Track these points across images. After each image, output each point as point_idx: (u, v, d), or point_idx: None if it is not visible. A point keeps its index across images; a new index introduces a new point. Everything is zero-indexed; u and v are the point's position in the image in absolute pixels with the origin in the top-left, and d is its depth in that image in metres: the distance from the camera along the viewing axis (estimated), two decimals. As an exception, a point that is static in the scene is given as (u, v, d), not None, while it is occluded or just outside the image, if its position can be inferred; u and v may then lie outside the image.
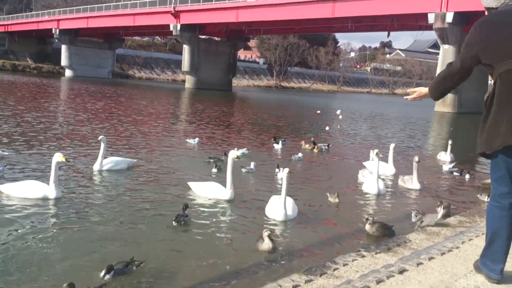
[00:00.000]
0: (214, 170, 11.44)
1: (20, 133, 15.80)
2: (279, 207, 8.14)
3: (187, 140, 16.27)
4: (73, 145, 14.29)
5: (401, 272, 5.14)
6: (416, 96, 4.99)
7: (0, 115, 19.86)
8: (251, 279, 5.70)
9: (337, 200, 9.22)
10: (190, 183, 9.63)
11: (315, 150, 16.07)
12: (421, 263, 5.43)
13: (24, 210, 7.78)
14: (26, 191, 8.36)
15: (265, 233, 6.63)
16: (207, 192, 9.22)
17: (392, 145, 13.14)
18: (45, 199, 8.31)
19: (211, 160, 12.20)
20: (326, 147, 16.69)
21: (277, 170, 11.51)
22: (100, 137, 11.10)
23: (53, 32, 77.47)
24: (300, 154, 14.11)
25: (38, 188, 8.39)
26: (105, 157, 11.08)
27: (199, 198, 9.18)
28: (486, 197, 9.95)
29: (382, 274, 5.02)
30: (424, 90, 4.84)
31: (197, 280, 5.65)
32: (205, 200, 9.08)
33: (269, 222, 8.12)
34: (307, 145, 16.68)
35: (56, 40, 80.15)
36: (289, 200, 8.36)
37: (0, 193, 8.49)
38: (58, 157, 8.50)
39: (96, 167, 10.90)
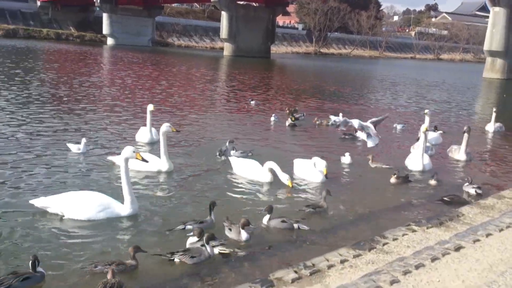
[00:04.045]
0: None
1: (77, 98, 16.23)
2: (314, 170, 8.58)
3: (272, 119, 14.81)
4: (126, 111, 14.53)
5: (457, 249, 4.90)
6: None
7: (58, 81, 20.40)
8: (298, 252, 5.58)
9: (395, 181, 8.77)
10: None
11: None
12: (478, 240, 5.16)
13: (142, 183, 8.08)
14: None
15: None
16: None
17: (426, 111, 12.35)
18: (159, 172, 8.56)
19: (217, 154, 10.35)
20: (303, 116, 15.20)
21: (218, 156, 9.99)
22: (150, 106, 10.78)
23: (94, 0, 78.25)
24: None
25: (152, 162, 8.44)
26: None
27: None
28: None
29: (437, 251, 4.80)
30: None
31: (240, 253, 5.59)
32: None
33: (303, 184, 8.00)
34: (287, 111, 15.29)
35: (98, 9, 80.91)
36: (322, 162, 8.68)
37: (114, 165, 8.71)
38: (166, 127, 8.54)
39: (145, 138, 10.88)
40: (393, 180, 8.79)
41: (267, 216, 6.36)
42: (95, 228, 6.08)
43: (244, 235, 5.84)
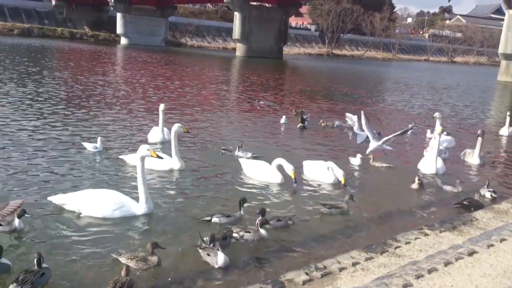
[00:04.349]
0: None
1: (95, 96, 16.40)
2: (326, 171, 8.54)
3: (282, 121, 14.71)
4: (141, 109, 14.63)
5: (471, 254, 4.85)
6: None
7: (73, 80, 20.60)
8: (309, 254, 5.57)
9: (417, 186, 8.58)
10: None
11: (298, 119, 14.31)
12: (492, 245, 5.11)
13: (155, 181, 8.14)
14: (152, 163, 8.42)
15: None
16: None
17: (435, 115, 12.24)
18: (171, 170, 8.65)
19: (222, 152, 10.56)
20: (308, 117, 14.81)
21: (236, 151, 10.13)
22: (161, 105, 10.91)
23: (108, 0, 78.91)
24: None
25: (164, 161, 8.52)
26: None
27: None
28: None
29: (450, 255, 4.76)
30: None
31: (252, 254, 5.60)
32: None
33: (317, 185, 7.98)
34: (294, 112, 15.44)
35: (112, 8, 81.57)
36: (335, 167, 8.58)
37: (125, 163, 8.82)
38: (177, 127, 8.65)
39: (157, 137, 10.92)
40: (415, 185, 8.52)
41: (259, 219, 6.16)
42: (110, 226, 6.15)
43: (263, 233, 5.91)
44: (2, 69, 23.59)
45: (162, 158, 7.49)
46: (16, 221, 5.67)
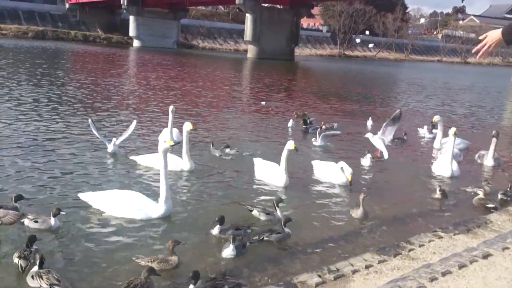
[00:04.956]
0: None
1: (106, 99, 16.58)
2: (338, 172, 8.46)
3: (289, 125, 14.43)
4: (153, 111, 14.76)
5: (485, 257, 4.82)
6: (489, 43, 3.81)
7: (88, 82, 20.85)
8: (321, 257, 5.56)
9: (439, 196, 8.18)
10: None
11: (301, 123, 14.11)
12: (507, 248, 5.06)
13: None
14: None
15: (361, 196, 6.85)
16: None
17: (435, 119, 12.05)
18: (181, 171, 8.71)
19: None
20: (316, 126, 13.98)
21: (227, 150, 10.15)
22: (171, 107, 10.90)
23: (122, 2, 79.53)
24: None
25: (174, 161, 8.63)
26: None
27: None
28: None
29: (465, 258, 4.72)
30: (496, 33, 3.73)
31: (265, 256, 5.61)
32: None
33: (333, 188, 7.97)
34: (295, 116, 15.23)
35: (124, 11, 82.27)
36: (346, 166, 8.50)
37: (137, 164, 8.92)
38: (188, 126, 8.63)
39: (166, 139, 10.95)
40: (437, 196, 8.10)
41: (217, 227, 5.92)
42: (130, 227, 6.21)
43: (288, 231, 5.96)
44: (19, 71, 23.97)
45: (178, 142, 7.85)
46: (52, 220, 5.70)
